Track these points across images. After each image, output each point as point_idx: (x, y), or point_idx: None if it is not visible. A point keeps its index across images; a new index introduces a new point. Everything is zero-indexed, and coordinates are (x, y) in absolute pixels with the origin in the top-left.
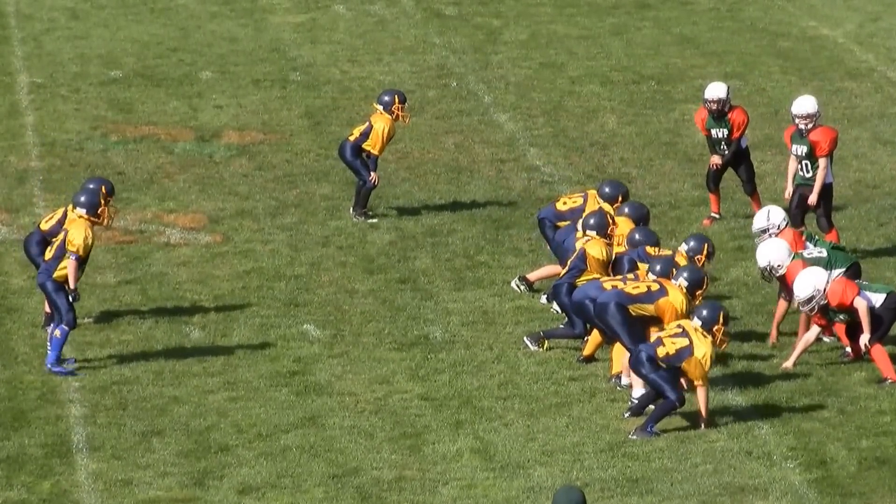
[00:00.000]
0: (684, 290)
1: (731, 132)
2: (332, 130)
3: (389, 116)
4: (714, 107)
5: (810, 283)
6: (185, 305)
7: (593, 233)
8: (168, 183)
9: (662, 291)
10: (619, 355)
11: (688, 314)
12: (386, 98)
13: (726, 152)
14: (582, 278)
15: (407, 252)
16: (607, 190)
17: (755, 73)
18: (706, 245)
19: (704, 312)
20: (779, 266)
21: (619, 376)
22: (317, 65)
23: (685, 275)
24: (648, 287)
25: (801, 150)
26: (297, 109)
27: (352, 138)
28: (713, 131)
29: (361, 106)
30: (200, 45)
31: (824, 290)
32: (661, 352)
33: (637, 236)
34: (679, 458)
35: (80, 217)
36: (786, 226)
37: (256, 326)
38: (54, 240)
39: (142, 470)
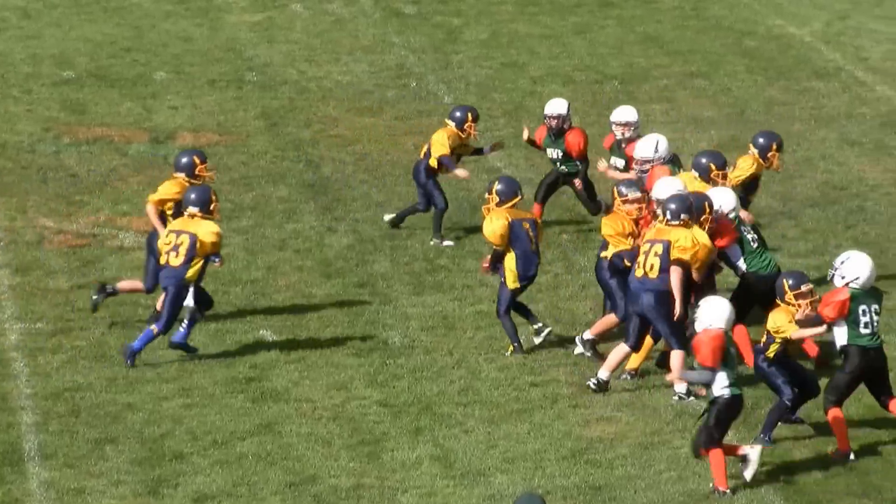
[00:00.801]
0: (680, 222)
1: (564, 153)
2: (289, 132)
3: (457, 132)
4: (553, 123)
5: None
6: (138, 310)
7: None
8: (122, 185)
9: (666, 245)
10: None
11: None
12: (458, 114)
13: (564, 171)
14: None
15: (365, 256)
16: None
17: (720, 72)
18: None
19: None
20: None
21: (635, 372)
22: (273, 65)
23: (672, 207)
24: (656, 254)
25: (619, 162)
26: (254, 110)
27: (422, 155)
28: (549, 150)
29: (319, 107)
30: (155, 44)
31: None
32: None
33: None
34: (642, 466)
35: (195, 216)
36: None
37: (212, 332)
38: (178, 242)
39: (95, 478)
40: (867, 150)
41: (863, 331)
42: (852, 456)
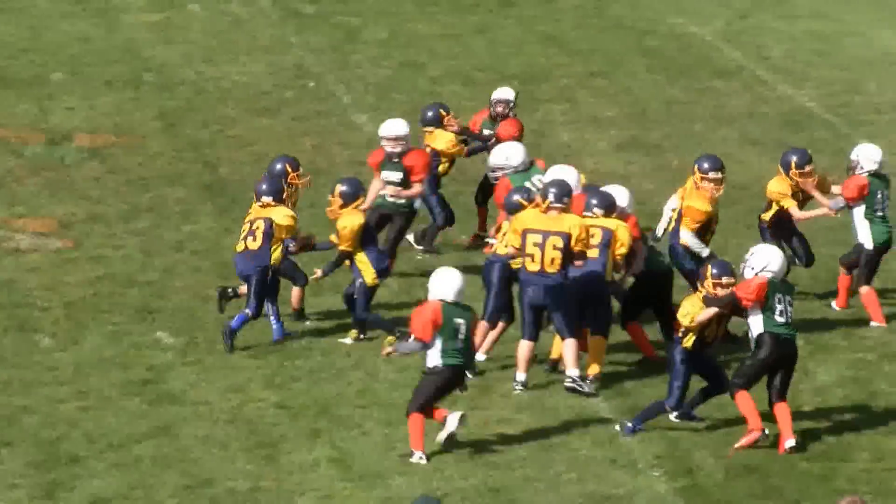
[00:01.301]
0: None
1: (405, 175)
2: (187, 133)
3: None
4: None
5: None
6: (35, 313)
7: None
8: (17, 187)
9: (566, 238)
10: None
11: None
12: (430, 114)
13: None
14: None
15: None
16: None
17: (621, 71)
18: None
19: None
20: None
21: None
22: (171, 65)
23: (554, 191)
24: (555, 247)
25: (395, 175)
26: (151, 111)
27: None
28: (384, 173)
29: (216, 107)
30: (52, 45)
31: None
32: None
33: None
34: (542, 467)
35: (270, 205)
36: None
37: (108, 334)
38: (254, 228)
39: None
40: (768, 149)
41: (778, 318)
42: (766, 431)
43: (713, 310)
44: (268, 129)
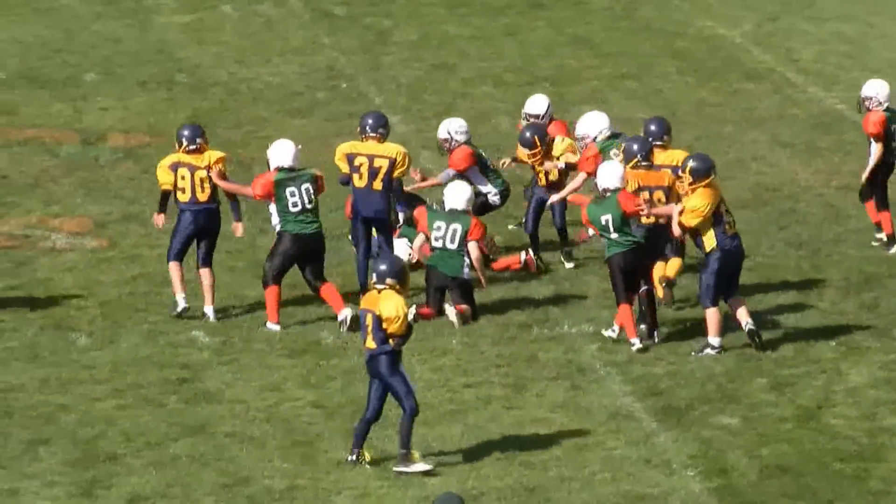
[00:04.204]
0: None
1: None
2: (219, 133)
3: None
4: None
5: None
6: (71, 312)
7: None
8: (53, 187)
9: None
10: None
11: None
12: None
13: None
14: None
15: None
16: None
17: (651, 74)
18: None
19: None
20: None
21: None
22: (203, 66)
23: (694, 165)
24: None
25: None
26: (184, 111)
27: None
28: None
29: (249, 108)
30: (85, 46)
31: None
32: None
33: None
34: (576, 467)
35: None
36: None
37: (144, 333)
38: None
39: (28, 479)
40: (798, 151)
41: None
42: None
43: None
44: (300, 130)
